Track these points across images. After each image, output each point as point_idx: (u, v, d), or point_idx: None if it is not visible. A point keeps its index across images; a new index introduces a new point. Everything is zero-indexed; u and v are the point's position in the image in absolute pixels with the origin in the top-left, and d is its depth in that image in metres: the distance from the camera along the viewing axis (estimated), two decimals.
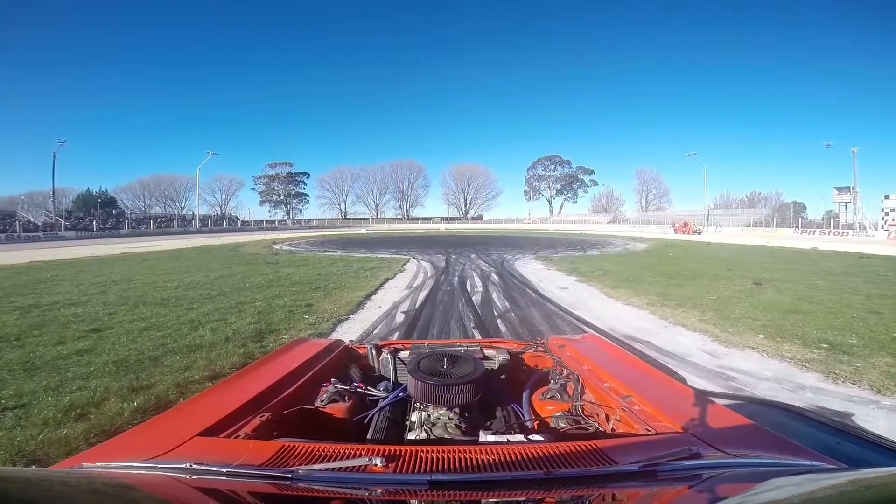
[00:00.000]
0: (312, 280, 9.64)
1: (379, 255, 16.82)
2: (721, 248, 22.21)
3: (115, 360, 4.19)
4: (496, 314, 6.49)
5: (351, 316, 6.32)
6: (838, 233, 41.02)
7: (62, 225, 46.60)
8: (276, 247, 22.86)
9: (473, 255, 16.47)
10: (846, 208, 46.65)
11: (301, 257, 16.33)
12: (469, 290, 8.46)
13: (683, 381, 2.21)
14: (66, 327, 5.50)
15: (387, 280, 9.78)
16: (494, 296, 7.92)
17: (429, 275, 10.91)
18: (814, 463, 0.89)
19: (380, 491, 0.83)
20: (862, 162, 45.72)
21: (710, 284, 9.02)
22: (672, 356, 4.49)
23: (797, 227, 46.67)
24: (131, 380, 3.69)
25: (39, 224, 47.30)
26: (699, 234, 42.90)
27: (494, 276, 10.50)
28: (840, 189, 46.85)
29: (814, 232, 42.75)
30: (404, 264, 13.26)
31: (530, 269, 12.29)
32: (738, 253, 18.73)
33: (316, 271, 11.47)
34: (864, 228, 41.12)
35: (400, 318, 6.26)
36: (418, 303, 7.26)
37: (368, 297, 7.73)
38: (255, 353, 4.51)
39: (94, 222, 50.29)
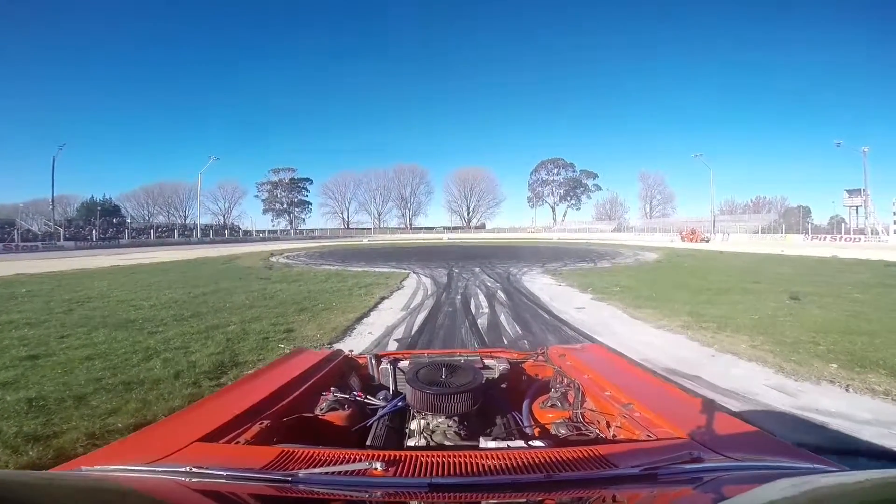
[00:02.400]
0: (301, 299, 8.73)
1: (377, 270, 15.90)
2: (736, 257, 21.18)
3: (32, 398, 3.51)
4: (506, 342, 5.57)
5: (334, 345, 5.39)
6: (850, 238, 39.81)
7: (61, 234, 46.16)
8: (273, 259, 22.07)
9: (477, 269, 15.50)
10: (857, 212, 45.55)
11: (296, 272, 15.46)
12: (473, 312, 7.50)
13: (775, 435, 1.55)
14: (3, 353, 4.82)
15: (382, 299, 8.84)
16: (503, 318, 6.98)
17: (429, 292, 9.97)
18: (814, 466, 0.89)
19: (380, 493, 0.84)
20: (869, 164, 44.37)
21: (743, 300, 8.08)
22: (734, 396, 3.59)
23: (807, 233, 45.60)
24: (37, 425, 3.03)
25: (38, 233, 46.93)
26: (707, 241, 41.76)
27: (501, 294, 9.52)
28: (851, 192, 45.76)
29: (824, 238, 41.67)
30: (403, 280, 12.30)
31: (539, 284, 11.31)
32: (756, 263, 17.71)
33: (307, 288, 10.58)
34: (877, 233, 39.88)
35: (392, 347, 5.36)
36: (415, 328, 6.35)
37: (359, 320, 6.82)
38: (205, 393, 3.65)
39: (94, 232, 49.82)
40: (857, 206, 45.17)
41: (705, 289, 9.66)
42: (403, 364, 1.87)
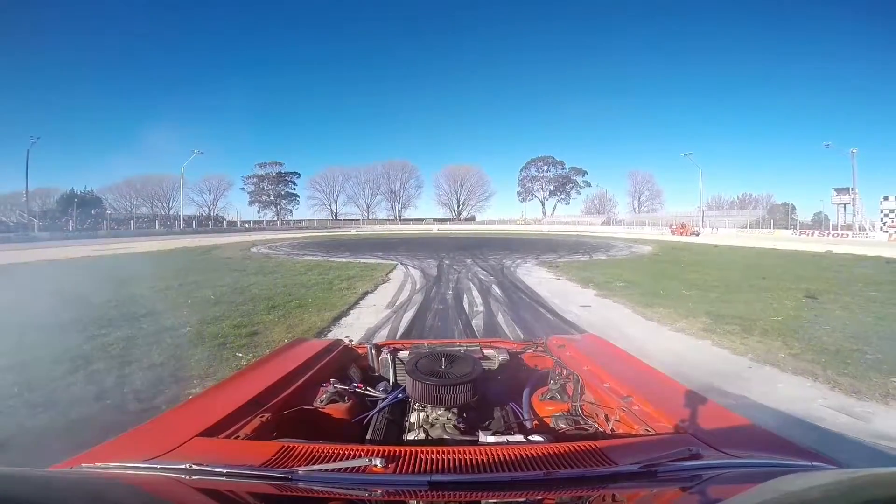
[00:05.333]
0: (274, 294, 7.86)
1: (362, 261, 15.03)
2: (732, 251, 20.76)
3: None
4: None
5: None
6: (837, 234, 40.35)
7: (35, 225, 44.34)
8: (254, 249, 21.06)
9: (469, 261, 14.73)
10: (844, 209, 46.22)
11: (275, 262, 14.51)
12: (467, 310, 6.72)
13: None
14: None
15: (365, 294, 8.00)
16: (500, 318, 6.20)
17: (417, 287, 9.16)
18: (813, 463, 0.87)
19: (379, 492, 0.82)
20: (856, 164, 44.94)
21: (758, 298, 7.47)
22: (797, 423, 2.91)
23: (795, 228, 46.33)
24: None
25: (11, 224, 45.06)
26: (697, 235, 41.68)
27: (496, 289, 8.76)
28: (839, 190, 46.43)
29: (812, 233, 42.16)
30: (389, 272, 11.46)
31: (536, 278, 10.59)
32: (754, 257, 17.26)
33: (284, 281, 9.70)
34: (865, 230, 40.48)
35: None
36: (401, 329, 5.53)
37: (337, 319, 5.99)
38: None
39: (71, 222, 48.08)
40: (844, 204, 45.72)
41: (712, 285, 9.04)
42: (403, 354, 1.83)
